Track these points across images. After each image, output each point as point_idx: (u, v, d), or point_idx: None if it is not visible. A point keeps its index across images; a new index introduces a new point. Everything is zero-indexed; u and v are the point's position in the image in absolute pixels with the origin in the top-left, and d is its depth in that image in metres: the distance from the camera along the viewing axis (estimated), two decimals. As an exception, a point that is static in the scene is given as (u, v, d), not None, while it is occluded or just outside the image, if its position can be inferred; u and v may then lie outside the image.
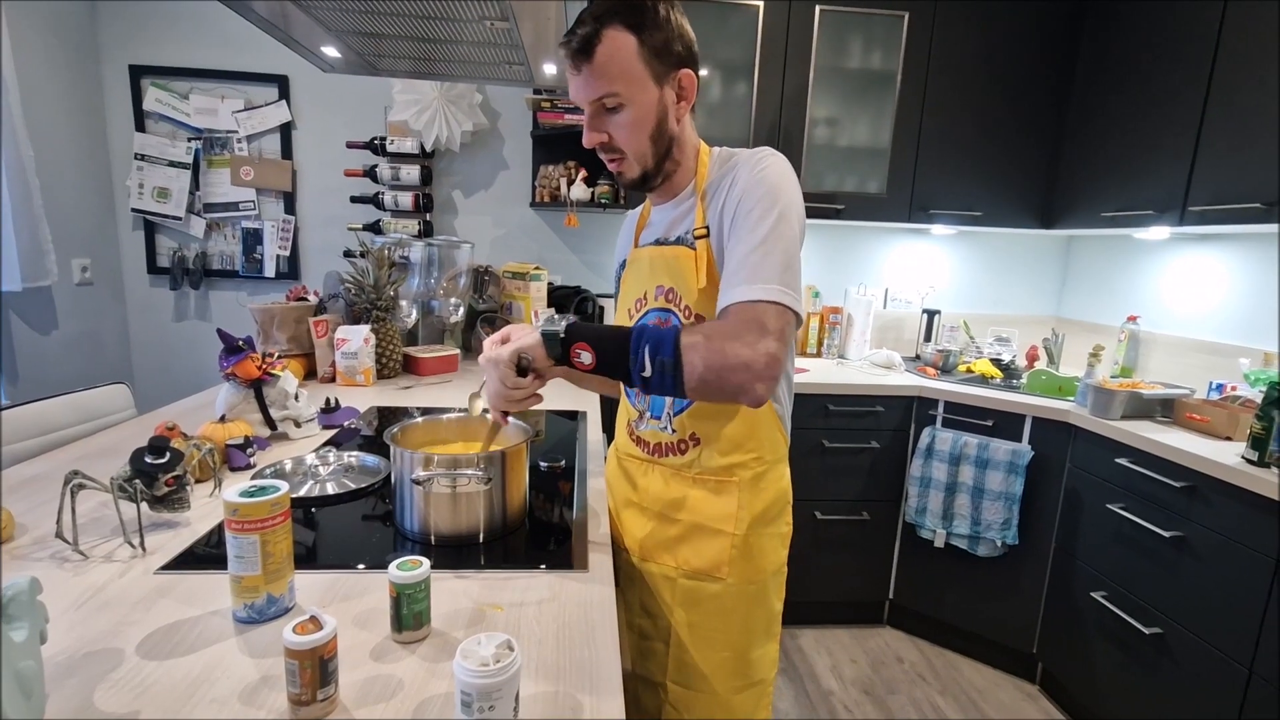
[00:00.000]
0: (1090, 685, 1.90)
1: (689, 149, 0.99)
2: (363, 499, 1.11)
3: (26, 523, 0.97)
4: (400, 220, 2.56)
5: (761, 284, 0.83)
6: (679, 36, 0.91)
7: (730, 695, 1.03)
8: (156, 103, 2.48)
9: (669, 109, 0.93)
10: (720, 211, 0.93)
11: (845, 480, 2.31)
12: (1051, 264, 2.85)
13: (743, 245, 0.86)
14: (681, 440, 1.01)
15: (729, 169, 0.95)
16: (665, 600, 1.04)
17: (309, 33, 1.45)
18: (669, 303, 0.99)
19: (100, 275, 2.49)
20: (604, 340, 0.85)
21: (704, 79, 2.36)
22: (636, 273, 1.05)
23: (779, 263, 0.84)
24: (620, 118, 0.91)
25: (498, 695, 0.57)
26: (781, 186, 0.89)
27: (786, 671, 2.20)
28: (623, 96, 0.90)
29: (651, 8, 0.89)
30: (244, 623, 0.75)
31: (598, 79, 0.89)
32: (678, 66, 0.92)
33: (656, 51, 0.89)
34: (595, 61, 0.88)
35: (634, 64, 0.88)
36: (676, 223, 1.01)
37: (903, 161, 2.40)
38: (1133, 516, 1.74)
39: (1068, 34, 2.34)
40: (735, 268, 0.86)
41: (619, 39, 0.87)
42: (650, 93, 0.90)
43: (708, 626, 1.02)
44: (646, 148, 0.93)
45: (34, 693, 0.56)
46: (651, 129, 0.92)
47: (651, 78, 0.90)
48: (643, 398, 1.06)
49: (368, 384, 1.91)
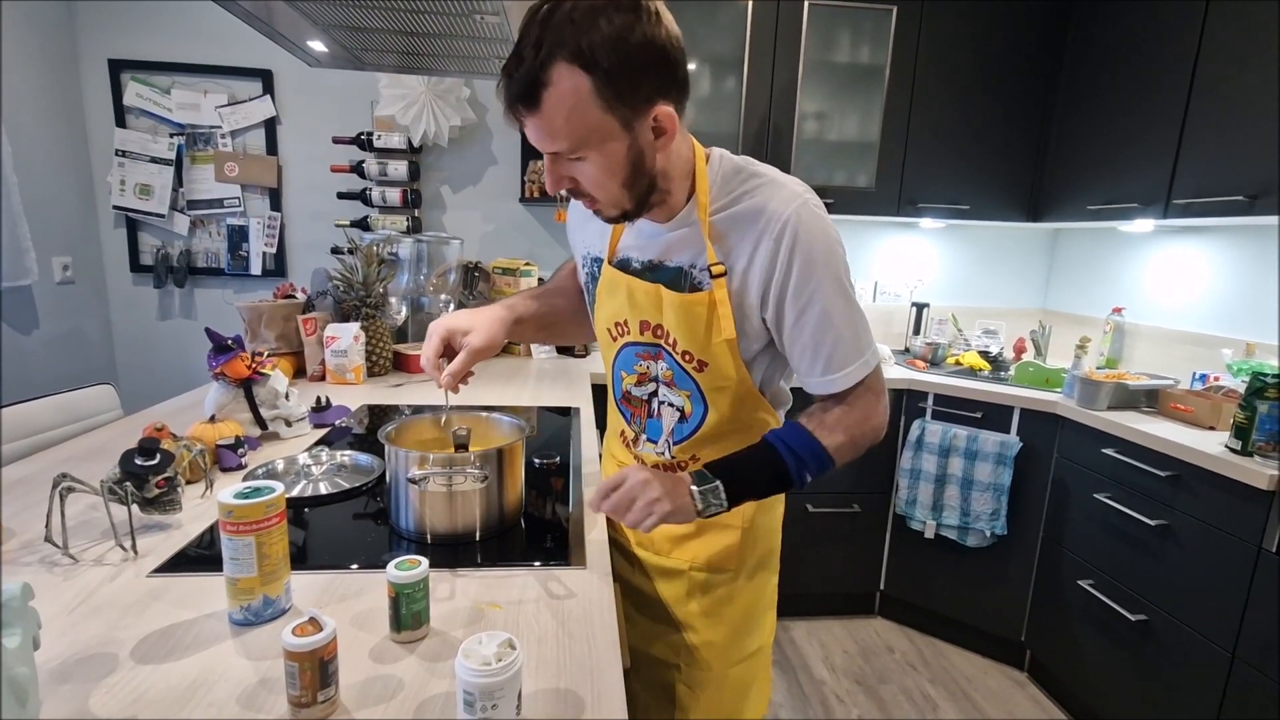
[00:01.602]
0: (1078, 672, 1.93)
1: (678, 173, 0.84)
2: (356, 498, 1.10)
3: (14, 526, 0.96)
4: (388, 216, 2.53)
5: (859, 360, 0.86)
6: (649, 63, 0.72)
7: (735, 665, 1.07)
8: (137, 98, 2.44)
9: (645, 150, 0.77)
10: (765, 280, 0.83)
11: (836, 472, 2.32)
12: (1038, 257, 2.88)
13: (832, 330, 0.84)
14: (680, 463, 1.01)
15: (754, 219, 0.83)
16: (678, 591, 1.05)
17: (294, 26, 1.43)
18: (656, 338, 0.93)
19: (82, 274, 2.45)
20: (769, 484, 0.87)
21: (693, 74, 2.35)
22: (615, 294, 0.95)
23: (861, 329, 0.86)
24: (583, 167, 0.77)
25: (500, 694, 0.57)
26: (832, 251, 0.83)
27: (779, 662, 2.22)
28: (582, 151, 0.75)
29: (607, 31, 0.68)
30: (240, 625, 0.74)
31: (548, 135, 0.74)
32: (651, 101, 0.74)
33: (619, 92, 0.71)
34: (543, 111, 0.72)
35: (590, 113, 0.71)
36: (674, 249, 0.89)
37: (891, 156, 2.41)
38: (1119, 506, 1.77)
39: (1054, 29, 2.36)
40: (821, 349, 0.85)
41: (568, 82, 0.69)
42: (616, 141, 0.74)
43: (718, 611, 1.04)
44: (619, 194, 0.80)
45: (28, 699, 0.56)
46: (624, 177, 0.78)
47: (617, 123, 0.73)
48: (638, 420, 1.02)
49: (358, 382, 1.90)
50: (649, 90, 0.73)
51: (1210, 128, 1.81)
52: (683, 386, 0.95)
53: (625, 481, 0.82)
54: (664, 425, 0.99)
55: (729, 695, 1.08)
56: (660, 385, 0.98)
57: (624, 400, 1.03)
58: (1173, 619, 1.63)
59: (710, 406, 0.94)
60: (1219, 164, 1.79)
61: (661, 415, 1.00)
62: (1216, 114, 1.80)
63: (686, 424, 0.97)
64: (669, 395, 0.97)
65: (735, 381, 0.91)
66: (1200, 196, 1.83)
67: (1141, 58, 2.04)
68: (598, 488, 0.84)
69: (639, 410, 1.02)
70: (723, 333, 0.86)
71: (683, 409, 0.96)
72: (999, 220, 2.52)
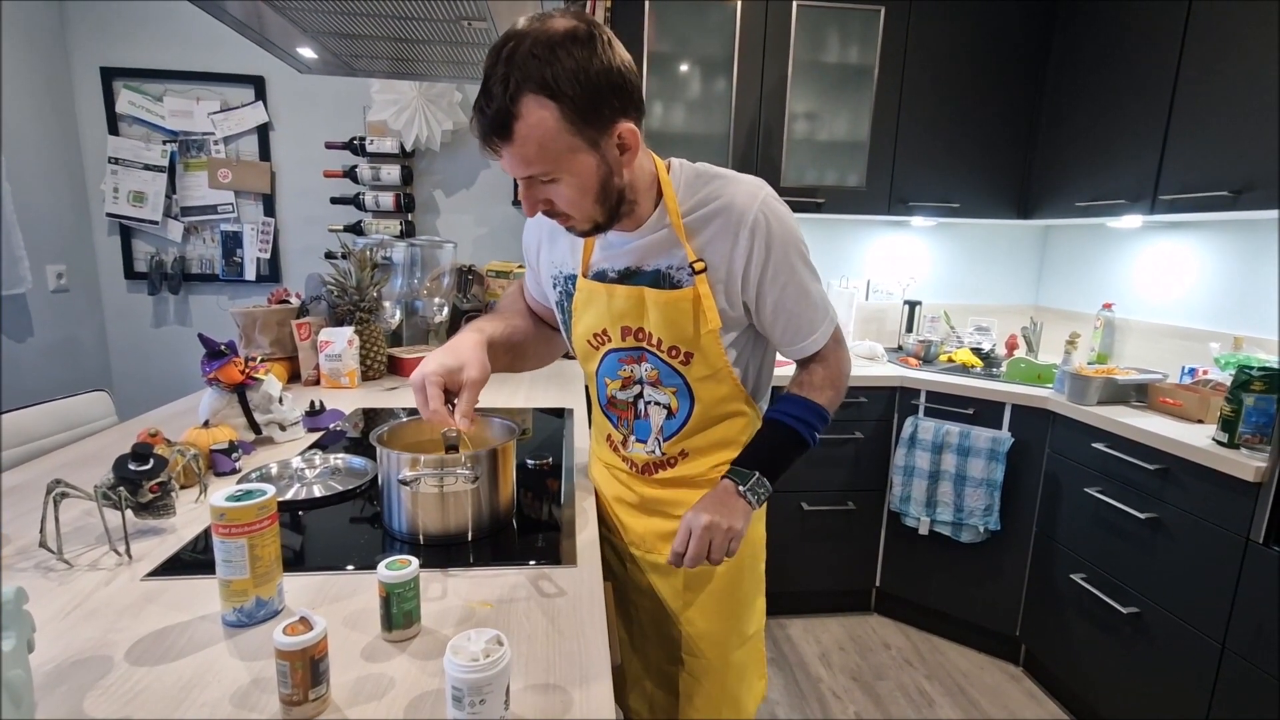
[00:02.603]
0: (1072, 665, 1.95)
1: (643, 185, 0.91)
2: (350, 501, 1.11)
3: (9, 533, 0.97)
4: (381, 221, 2.54)
5: (826, 319, 1.00)
6: (609, 88, 0.78)
7: (734, 651, 1.11)
8: (130, 105, 2.45)
9: (612, 166, 0.84)
10: (744, 268, 0.92)
11: (830, 470, 2.34)
12: (1029, 253, 2.89)
13: (806, 301, 0.97)
14: (670, 458, 1.06)
15: (724, 215, 0.91)
16: (674, 585, 1.10)
17: (284, 34, 1.44)
18: (638, 341, 0.99)
19: (76, 281, 2.46)
20: (791, 452, 0.98)
21: (683, 74, 2.37)
22: (593, 304, 1.00)
23: (823, 294, 1.00)
24: (557, 188, 0.83)
25: (488, 690, 0.58)
26: (795, 233, 0.94)
27: (776, 660, 2.23)
28: (554, 173, 0.81)
29: (569, 65, 0.75)
30: (233, 627, 0.75)
31: (521, 161, 0.80)
32: (614, 121, 0.81)
33: (584, 117, 0.78)
34: (515, 141, 0.77)
35: (560, 138, 0.78)
36: (651, 253, 0.95)
37: (881, 155, 2.42)
38: (1109, 499, 1.78)
39: (1040, 28, 2.38)
40: (799, 318, 0.97)
41: (537, 112, 0.75)
42: (586, 161, 0.81)
43: (711, 602, 1.09)
44: (592, 210, 0.86)
45: (23, 701, 0.57)
46: (595, 192, 0.84)
47: (585, 145, 0.80)
48: (625, 423, 1.07)
49: (352, 386, 1.91)
50: (611, 111, 0.80)
51: (1194, 125, 1.83)
52: (668, 384, 1.00)
53: (690, 532, 0.91)
54: (653, 424, 1.04)
55: (731, 680, 1.12)
56: (645, 386, 1.02)
57: (610, 405, 1.07)
58: (1163, 611, 1.64)
59: (696, 399, 1.00)
60: (1203, 160, 1.80)
61: (649, 415, 1.04)
62: (1200, 111, 1.82)
63: (675, 420, 1.03)
64: (655, 395, 1.02)
65: (719, 369, 0.98)
66: (1186, 192, 1.85)
67: (1126, 56, 2.06)
68: (671, 553, 0.93)
69: (625, 413, 1.06)
70: (709, 324, 0.94)
71: (669, 406, 1.01)
72: (989, 218, 2.54)
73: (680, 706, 1.13)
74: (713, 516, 0.90)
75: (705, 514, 0.91)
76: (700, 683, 1.12)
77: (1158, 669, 1.66)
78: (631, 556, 1.14)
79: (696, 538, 0.90)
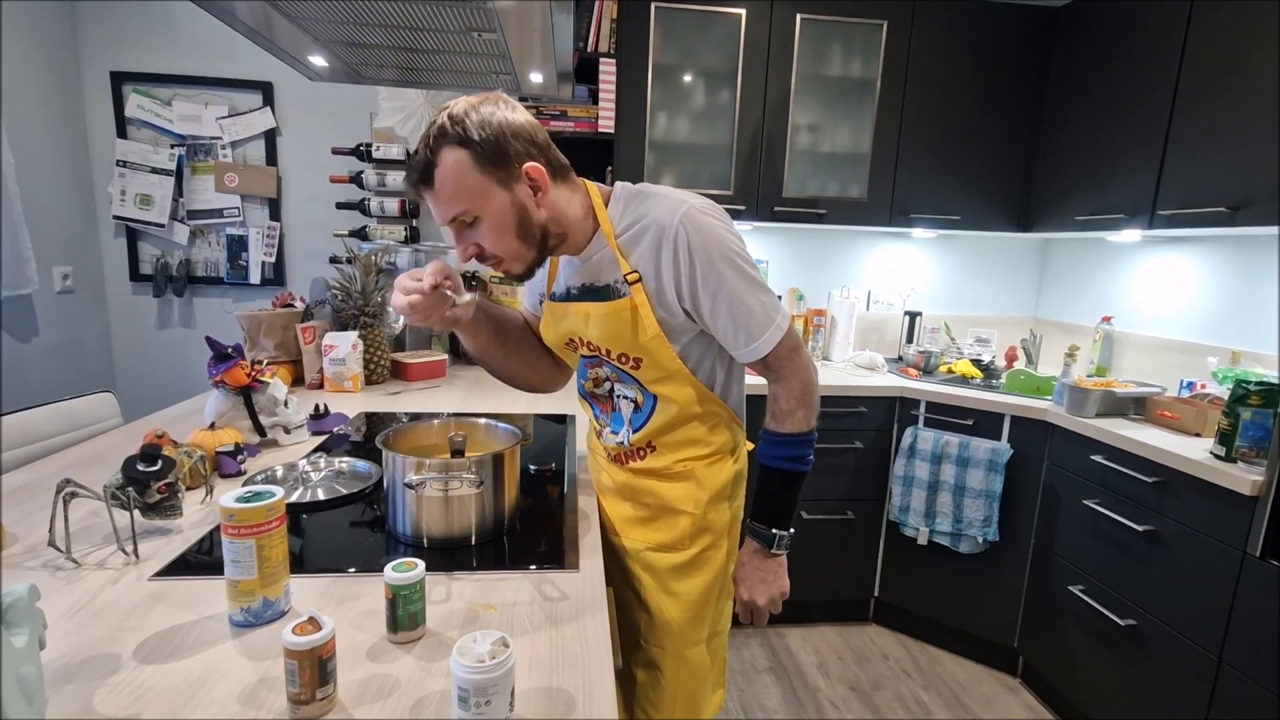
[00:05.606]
0: (1069, 677, 1.95)
1: (572, 216, 1.00)
2: (354, 504, 1.12)
3: (17, 532, 0.98)
4: (386, 226, 2.56)
5: (771, 325, 1.00)
6: (511, 135, 0.91)
7: (694, 647, 1.16)
8: (139, 109, 2.47)
9: (526, 204, 0.94)
10: (673, 278, 0.97)
11: (830, 480, 2.35)
12: (1029, 266, 2.91)
13: (743, 307, 0.98)
14: (640, 449, 1.13)
15: (651, 231, 0.97)
16: (639, 570, 1.15)
17: (295, 42, 1.45)
18: (591, 351, 1.09)
19: (82, 283, 2.47)
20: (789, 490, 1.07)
21: (688, 85, 2.39)
22: (552, 321, 1.11)
23: (766, 300, 1.00)
24: (481, 229, 0.93)
25: (494, 691, 0.59)
26: (723, 241, 0.96)
27: (774, 669, 2.23)
28: (473, 210, 0.91)
29: (475, 118, 0.89)
30: (240, 626, 0.76)
31: (444, 202, 0.91)
32: (520, 162, 0.92)
33: (491, 159, 0.89)
34: (436, 186, 0.90)
35: (471, 178, 0.89)
36: (596, 272, 1.04)
37: (883, 167, 2.44)
38: (1108, 511, 1.79)
39: (1041, 43, 2.40)
40: (738, 323, 0.99)
41: (451, 157, 0.88)
42: (499, 199, 0.92)
43: (674, 590, 1.13)
44: (517, 247, 0.96)
45: (35, 697, 0.58)
46: (514, 229, 0.94)
47: (496, 184, 0.91)
48: (605, 414, 1.15)
49: (356, 390, 1.92)
50: (515, 154, 0.92)
51: (1193, 141, 1.85)
52: (628, 384, 1.09)
53: (754, 603, 1.08)
54: (624, 415, 1.12)
55: (685, 677, 1.16)
56: (615, 384, 1.12)
57: (592, 396, 1.16)
58: (1161, 623, 1.65)
59: (658, 398, 1.07)
60: (1202, 176, 1.82)
61: (620, 408, 1.12)
62: (1198, 127, 1.84)
63: (640, 413, 1.10)
64: (622, 390, 1.11)
65: (673, 372, 1.04)
66: (1184, 208, 1.86)
67: (1126, 72, 2.08)
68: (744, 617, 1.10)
69: (605, 405, 1.15)
70: (647, 330, 1.00)
71: (635, 400, 1.10)
72: (989, 230, 2.55)
73: (636, 697, 1.17)
74: (767, 593, 1.08)
75: (759, 595, 1.07)
76: (654, 675, 1.16)
77: (1155, 681, 1.66)
78: (618, 544, 1.18)
79: (760, 615, 1.08)
